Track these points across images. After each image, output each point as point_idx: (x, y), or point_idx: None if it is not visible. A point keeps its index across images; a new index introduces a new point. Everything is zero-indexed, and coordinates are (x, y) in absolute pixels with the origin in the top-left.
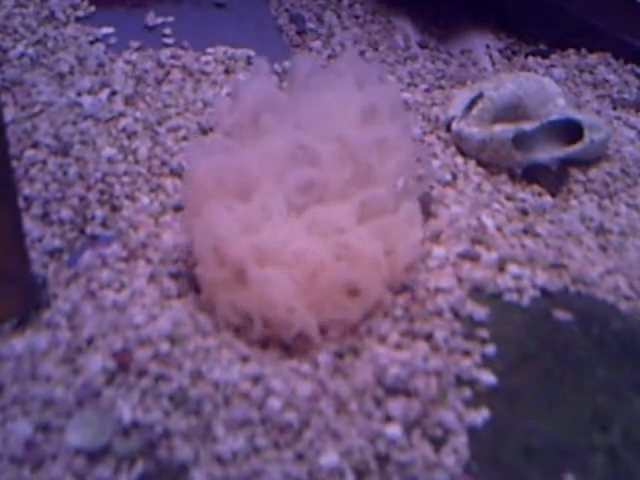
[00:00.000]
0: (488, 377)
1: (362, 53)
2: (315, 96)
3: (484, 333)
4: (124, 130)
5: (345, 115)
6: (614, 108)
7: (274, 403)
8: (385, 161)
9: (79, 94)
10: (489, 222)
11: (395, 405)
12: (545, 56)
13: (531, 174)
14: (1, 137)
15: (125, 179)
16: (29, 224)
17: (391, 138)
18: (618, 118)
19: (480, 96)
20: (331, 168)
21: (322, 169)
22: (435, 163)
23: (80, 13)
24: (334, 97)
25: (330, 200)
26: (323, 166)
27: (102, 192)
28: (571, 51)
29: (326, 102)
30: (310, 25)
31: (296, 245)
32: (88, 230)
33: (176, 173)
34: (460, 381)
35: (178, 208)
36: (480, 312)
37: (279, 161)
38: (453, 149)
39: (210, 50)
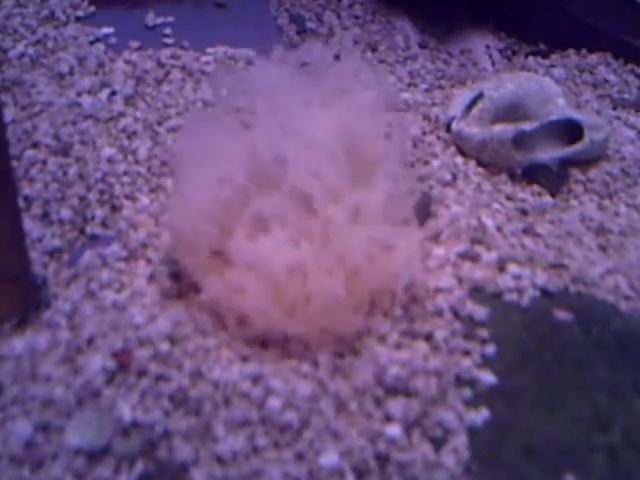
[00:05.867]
0: (488, 377)
1: (362, 53)
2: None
3: (484, 333)
4: (124, 130)
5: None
6: (614, 108)
7: (274, 403)
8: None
9: (79, 94)
10: (489, 222)
11: (395, 405)
12: (545, 56)
13: (531, 174)
14: (1, 137)
15: (125, 179)
16: (29, 224)
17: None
18: (618, 118)
19: (480, 96)
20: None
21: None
22: (435, 163)
23: (80, 13)
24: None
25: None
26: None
27: (102, 192)
28: (571, 51)
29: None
30: (310, 25)
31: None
32: (88, 230)
33: None
34: (460, 381)
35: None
36: (480, 312)
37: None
38: (453, 149)
39: (210, 50)
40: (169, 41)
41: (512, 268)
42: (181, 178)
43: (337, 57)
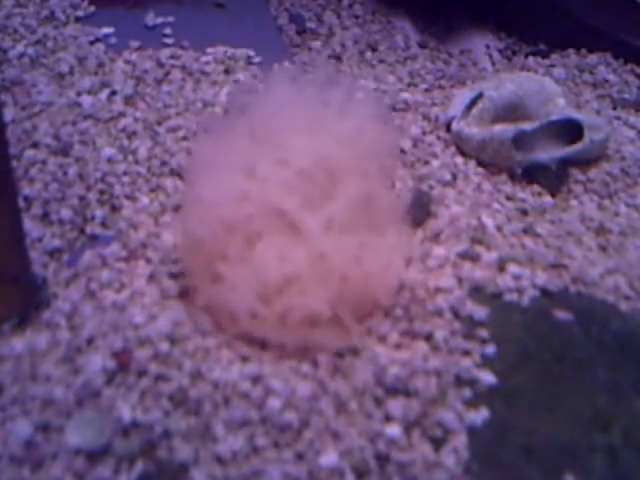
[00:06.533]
0: (488, 377)
1: (362, 53)
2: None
3: (484, 333)
4: (124, 130)
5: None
6: (614, 108)
7: (274, 403)
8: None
9: (79, 94)
10: (489, 222)
11: (395, 405)
12: (545, 56)
13: (531, 174)
14: (1, 137)
15: (125, 179)
16: (29, 224)
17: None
18: (618, 118)
19: (480, 96)
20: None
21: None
22: (435, 163)
23: (80, 13)
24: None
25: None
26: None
27: (102, 192)
28: (571, 51)
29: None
30: (310, 25)
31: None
32: (88, 230)
33: (176, 173)
34: (460, 381)
35: (178, 208)
36: (480, 312)
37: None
38: (453, 149)
39: (210, 50)
40: (169, 41)
41: (512, 268)
42: (196, 182)
43: (338, 58)
